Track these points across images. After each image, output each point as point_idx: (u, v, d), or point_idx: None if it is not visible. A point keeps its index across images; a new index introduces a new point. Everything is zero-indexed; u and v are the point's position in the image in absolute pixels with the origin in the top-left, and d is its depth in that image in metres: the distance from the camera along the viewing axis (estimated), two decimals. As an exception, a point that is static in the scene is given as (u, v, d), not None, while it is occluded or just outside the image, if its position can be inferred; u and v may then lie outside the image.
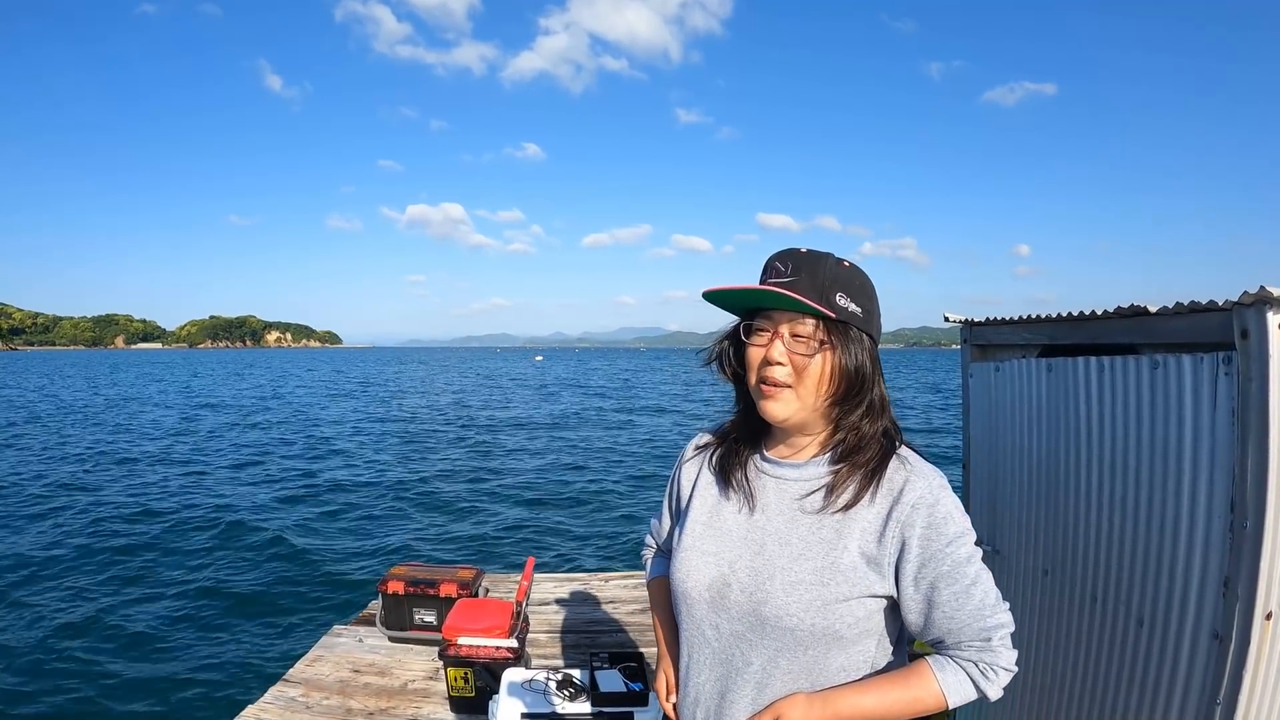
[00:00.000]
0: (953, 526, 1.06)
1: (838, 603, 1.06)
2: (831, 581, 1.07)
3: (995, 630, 1.06)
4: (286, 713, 3.38)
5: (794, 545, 1.10)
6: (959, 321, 2.40)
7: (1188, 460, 1.56)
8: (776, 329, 1.09)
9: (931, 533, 1.05)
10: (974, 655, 1.07)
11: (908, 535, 1.06)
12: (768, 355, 1.09)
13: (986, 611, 1.06)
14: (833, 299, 1.06)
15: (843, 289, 1.08)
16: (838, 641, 1.08)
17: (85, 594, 6.73)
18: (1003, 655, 1.07)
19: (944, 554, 1.05)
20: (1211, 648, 1.53)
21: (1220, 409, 1.49)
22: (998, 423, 2.26)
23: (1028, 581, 2.15)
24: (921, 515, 1.06)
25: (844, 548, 1.08)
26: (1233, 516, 1.46)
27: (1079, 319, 1.86)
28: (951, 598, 1.06)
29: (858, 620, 1.08)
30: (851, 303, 1.08)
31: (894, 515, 1.07)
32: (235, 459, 15.50)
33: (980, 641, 1.06)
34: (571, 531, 9.59)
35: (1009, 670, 1.08)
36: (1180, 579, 1.60)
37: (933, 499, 1.06)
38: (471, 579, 4.28)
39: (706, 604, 1.16)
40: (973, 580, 1.06)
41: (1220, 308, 1.48)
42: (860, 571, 1.07)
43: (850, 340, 1.08)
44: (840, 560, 1.07)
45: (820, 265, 1.08)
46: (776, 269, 1.09)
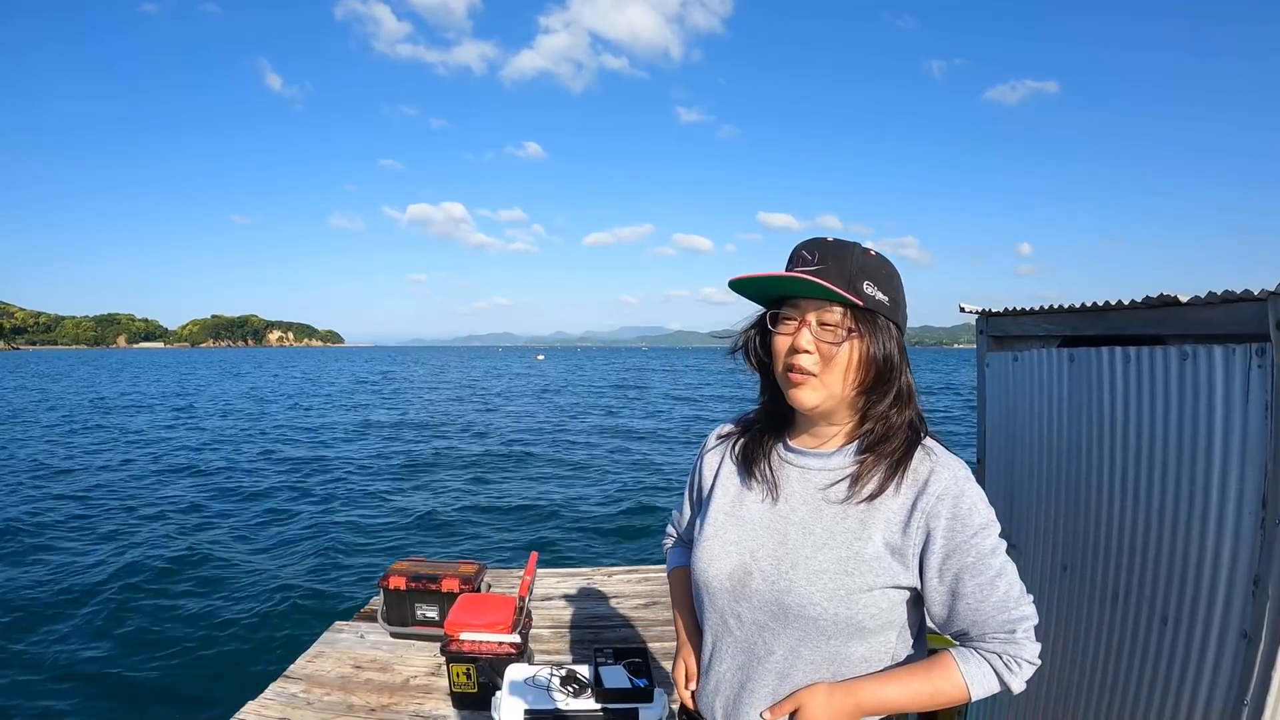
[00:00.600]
0: (978, 518, 1.05)
1: (861, 593, 1.06)
2: (855, 571, 1.06)
3: (1020, 623, 1.05)
4: (288, 709, 3.35)
5: (817, 534, 1.10)
6: (975, 312, 2.35)
7: (1217, 455, 1.52)
8: (804, 317, 1.08)
9: (956, 524, 1.05)
10: (998, 647, 1.06)
11: (933, 526, 1.05)
12: (795, 343, 1.08)
13: (1011, 604, 1.05)
14: (860, 287, 1.06)
15: (870, 278, 1.07)
16: (860, 632, 1.08)
17: (85, 588, 6.72)
18: (1027, 648, 1.06)
19: (969, 545, 1.04)
20: (1239, 648, 1.48)
21: (1253, 402, 1.44)
22: (1015, 415, 2.21)
23: (1046, 578, 2.10)
24: (947, 506, 1.05)
25: (868, 538, 1.07)
26: (1264, 513, 1.42)
27: (1103, 309, 1.81)
28: (976, 589, 1.05)
29: (880, 611, 1.07)
30: (879, 291, 1.07)
31: (919, 506, 1.06)
32: (236, 455, 15.52)
33: (1005, 634, 1.05)
34: (575, 526, 9.57)
35: (1032, 663, 1.07)
36: (1208, 577, 1.55)
37: (958, 490, 1.06)
38: (474, 574, 4.24)
39: (728, 593, 1.15)
40: (998, 572, 1.05)
41: (1255, 297, 1.43)
42: (884, 562, 1.07)
43: (878, 329, 1.07)
44: (864, 550, 1.07)
45: (848, 254, 1.07)
46: (804, 258, 1.08)
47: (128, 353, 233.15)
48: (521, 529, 9.38)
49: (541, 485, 12.32)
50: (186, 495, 11.06)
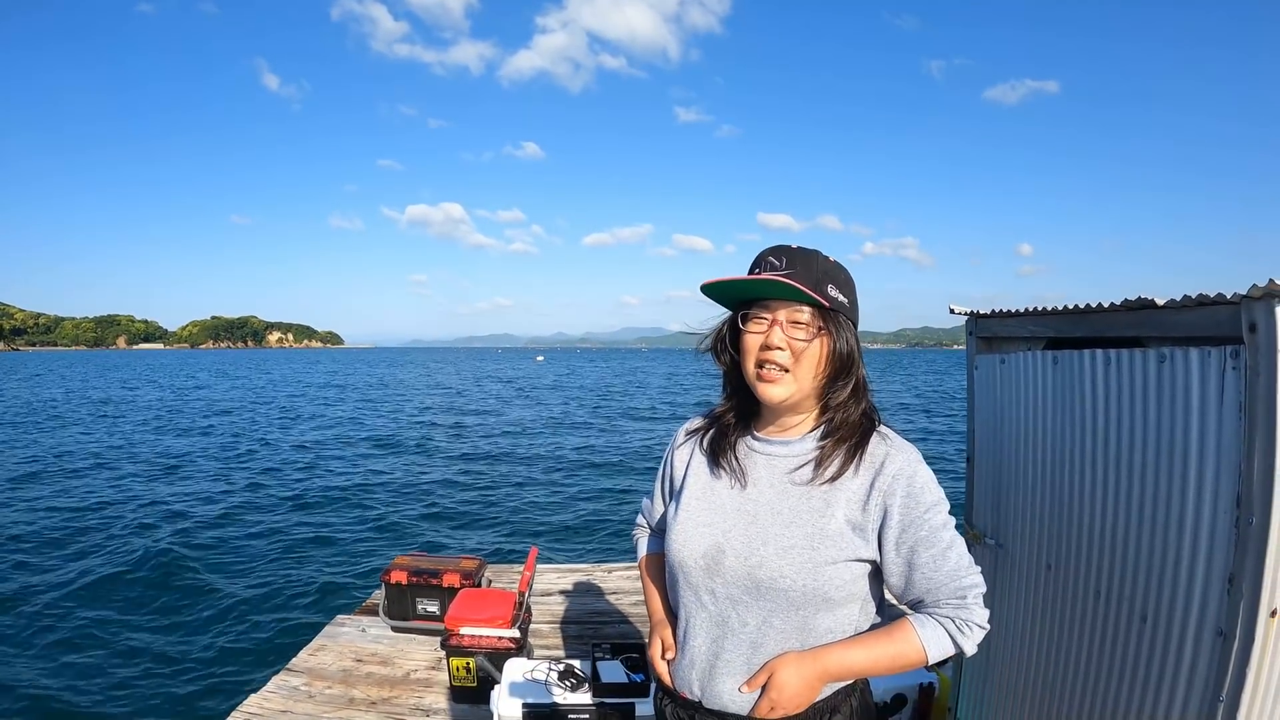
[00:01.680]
0: (929, 495, 1.16)
1: (827, 565, 1.15)
2: (821, 545, 1.16)
3: (970, 589, 1.15)
4: (290, 701, 3.40)
5: (784, 514, 1.19)
6: (964, 314, 2.38)
7: (1194, 455, 1.55)
8: (774, 317, 1.18)
9: (910, 501, 1.15)
10: (951, 612, 1.15)
11: (889, 503, 1.16)
12: (767, 341, 1.18)
13: (961, 572, 1.16)
14: (825, 289, 1.17)
15: (832, 281, 1.19)
16: (826, 603, 1.17)
17: (90, 584, 6.78)
18: (976, 612, 1.15)
19: (922, 520, 1.15)
20: (1215, 645, 1.51)
21: (1227, 403, 1.47)
22: (1003, 415, 2.24)
23: (1031, 576, 2.13)
24: (901, 485, 1.16)
25: (831, 515, 1.17)
26: (1238, 512, 1.45)
27: (1085, 312, 1.84)
28: (929, 560, 1.15)
29: (844, 583, 1.16)
30: (840, 294, 1.19)
31: (876, 485, 1.17)
32: (240, 452, 15.59)
33: (957, 599, 1.15)
34: (574, 522, 9.61)
35: (982, 627, 1.17)
36: (1185, 575, 1.58)
37: (911, 471, 1.17)
38: (474, 569, 4.29)
39: (702, 570, 1.24)
40: (948, 544, 1.15)
41: (1229, 301, 1.46)
42: (847, 536, 1.16)
43: (841, 326, 1.19)
44: (828, 526, 1.16)
45: (813, 260, 1.19)
46: (771, 263, 1.20)
47: (127, 354, 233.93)
48: (522, 525, 9.43)
49: (543, 483, 12.36)
50: (189, 491, 11.13)
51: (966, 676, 2.53)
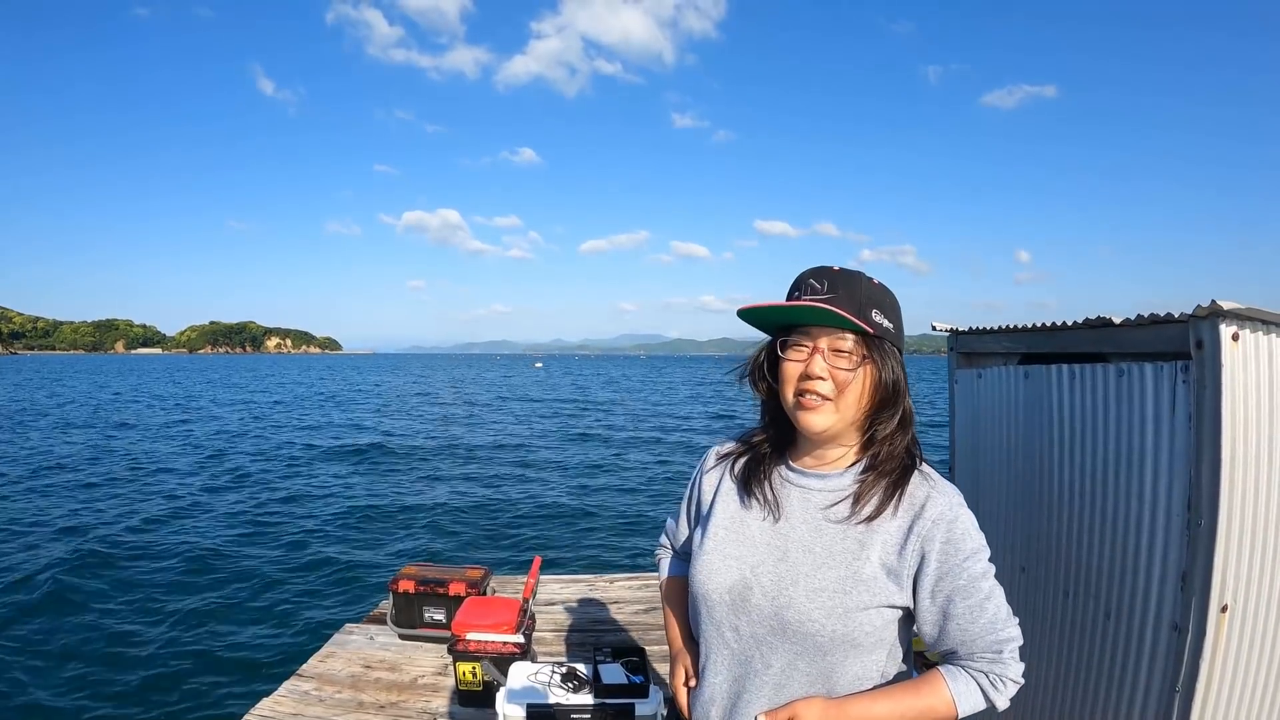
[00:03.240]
0: (970, 543, 1.10)
1: (858, 611, 1.10)
2: (854, 590, 1.10)
3: (1007, 643, 1.10)
4: (300, 705, 3.50)
5: (818, 553, 1.14)
6: (946, 330, 2.50)
7: (1149, 462, 1.66)
8: (816, 344, 1.12)
9: (950, 548, 1.09)
10: (985, 666, 1.10)
11: (928, 549, 1.09)
12: (808, 370, 1.11)
13: (999, 625, 1.10)
14: (870, 315, 1.10)
15: (877, 306, 1.11)
16: (855, 649, 1.11)
17: (106, 589, 6.88)
18: (1012, 667, 1.10)
19: (961, 569, 1.09)
20: (1171, 639, 1.62)
21: (1179, 414, 1.59)
22: (980, 427, 2.36)
23: (1006, 579, 2.24)
24: (941, 530, 1.09)
25: (866, 558, 1.11)
26: (1189, 515, 1.56)
27: (1053, 329, 1.96)
28: (966, 611, 1.09)
29: (875, 629, 1.11)
30: (885, 319, 1.12)
31: (915, 529, 1.10)
32: (250, 462, 15.65)
33: (992, 654, 1.10)
34: (578, 533, 9.69)
35: (1017, 682, 1.11)
36: (1143, 574, 1.69)
37: (952, 516, 1.10)
38: (480, 578, 4.39)
39: (727, 606, 1.19)
40: (987, 595, 1.10)
41: (1178, 319, 1.58)
42: (881, 582, 1.11)
43: (886, 355, 1.12)
44: (863, 570, 1.11)
45: (857, 284, 1.12)
46: (812, 286, 1.12)
47: (125, 358, 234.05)
48: (526, 535, 9.51)
49: (548, 491, 12.43)
50: (201, 501, 11.21)
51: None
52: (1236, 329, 1.49)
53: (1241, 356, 1.49)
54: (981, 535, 1.13)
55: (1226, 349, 1.48)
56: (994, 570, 1.13)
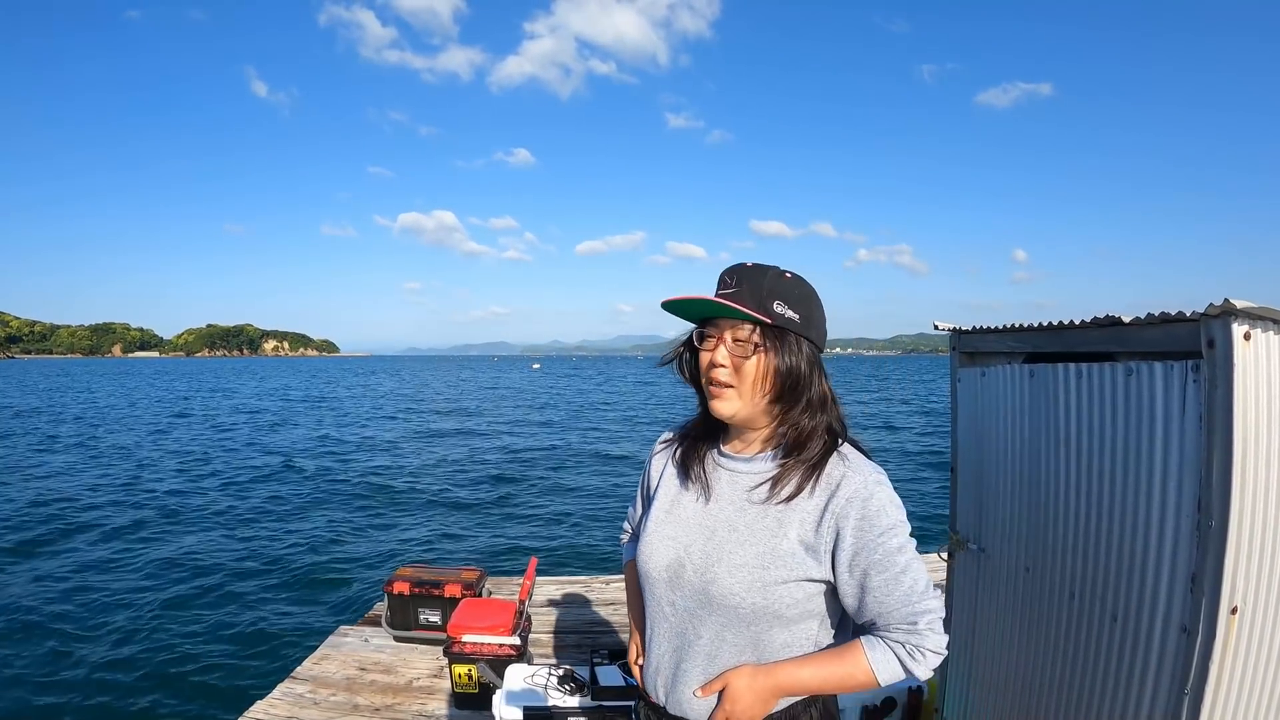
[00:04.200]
0: (885, 519, 1.16)
1: (777, 584, 1.18)
2: (771, 565, 1.18)
3: (922, 615, 1.15)
4: (295, 708, 3.46)
5: (740, 531, 1.22)
6: (948, 329, 2.48)
7: (1158, 462, 1.64)
8: (720, 335, 1.22)
9: (865, 524, 1.16)
10: (901, 637, 1.16)
11: (842, 526, 1.17)
12: (713, 358, 1.22)
13: (914, 598, 1.15)
14: (770, 307, 1.18)
15: (781, 298, 1.19)
16: (779, 620, 1.20)
17: (94, 592, 6.82)
18: (929, 638, 1.15)
19: (875, 544, 1.15)
20: (1180, 641, 1.60)
21: (1189, 414, 1.57)
22: (983, 426, 2.34)
23: (1011, 579, 2.23)
24: (856, 508, 1.16)
25: (784, 535, 1.19)
26: (1199, 516, 1.54)
27: (1059, 328, 1.94)
28: (882, 584, 1.15)
29: (797, 601, 1.19)
30: (789, 310, 1.19)
31: (830, 507, 1.18)
32: (244, 463, 15.60)
33: (908, 625, 1.15)
34: (574, 533, 9.66)
35: (936, 653, 1.16)
36: (1151, 576, 1.67)
37: (867, 494, 1.17)
38: (475, 580, 4.36)
39: (665, 583, 1.28)
40: (902, 569, 1.15)
41: (1189, 318, 1.56)
42: (798, 557, 1.18)
43: (785, 344, 1.20)
44: (780, 546, 1.19)
45: (761, 277, 1.20)
46: (725, 282, 1.22)
47: (123, 362, 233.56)
48: (522, 536, 9.48)
49: (543, 494, 12.41)
50: (192, 501, 11.16)
51: (951, 676, 2.62)
52: (1249, 328, 1.47)
53: (1254, 356, 1.48)
54: (901, 513, 1.19)
55: (1239, 348, 1.46)
56: (914, 545, 1.19)
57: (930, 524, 9.62)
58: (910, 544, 1.18)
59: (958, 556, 2.59)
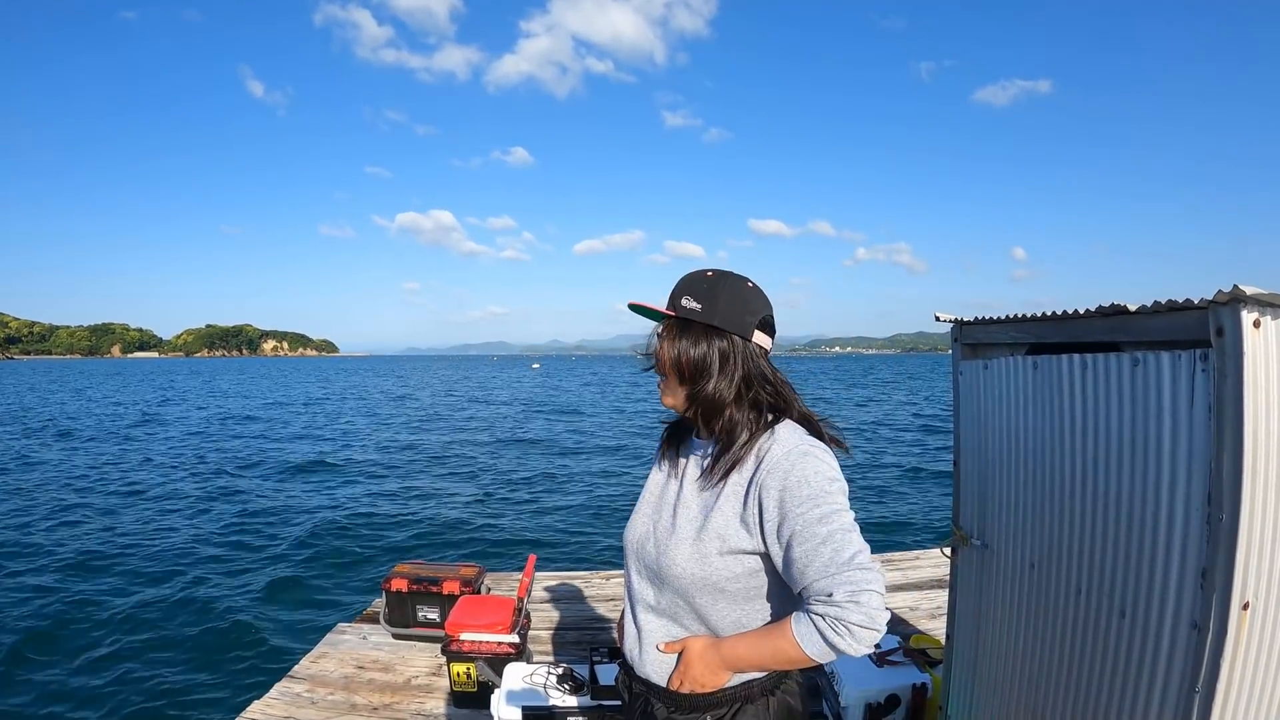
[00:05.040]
0: (806, 489, 1.18)
1: (713, 556, 1.25)
2: (705, 537, 1.26)
3: (840, 587, 1.09)
4: (292, 708, 3.44)
5: (690, 508, 1.31)
6: (950, 321, 2.44)
7: (1166, 455, 1.60)
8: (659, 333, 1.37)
9: (786, 495, 1.19)
10: (820, 609, 1.11)
11: (764, 498, 1.21)
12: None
13: (832, 569, 1.11)
14: (677, 302, 1.30)
15: (689, 293, 1.30)
16: (723, 594, 1.27)
17: (88, 591, 6.80)
18: (851, 612, 1.08)
19: (796, 514, 1.17)
20: (1191, 638, 1.56)
21: (1197, 404, 1.53)
22: (986, 419, 2.30)
23: (1016, 574, 2.19)
24: (776, 479, 1.20)
25: (718, 508, 1.26)
26: (1210, 509, 1.50)
27: (1063, 318, 1.90)
28: (802, 555, 1.15)
29: (736, 575, 1.26)
30: (694, 302, 1.29)
31: (755, 479, 1.23)
32: (240, 462, 15.59)
33: (824, 597, 1.11)
34: (573, 530, 9.64)
35: (863, 626, 1.09)
36: (1160, 571, 1.64)
37: (788, 465, 1.20)
38: (474, 576, 4.33)
39: (634, 555, 1.40)
40: (822, 539, 1.13)
41: (1197, 306, 1.52)
42: (731, 529, 1.25)
43: (686, 333, 1.29)
44: (713, 520, 1.26)
45: (684, 279, 1.32)
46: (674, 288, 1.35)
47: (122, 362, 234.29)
48: (521, 532, 9.46)
49: (542, 488, 12.39)
50: (188, 500, 11.14)
51: (955, 673, 2.59)
52: (1258, 315, 1.42)
53: (1264, 344, 1.43)
54: (833, 485, 1.19)
55: (1248, 336, 1.42)
56: (843, 514, 1.17)
57: (935, 521, 9.61)
58: (835, 513, 1.16)
59: (961, 552, 2.55)
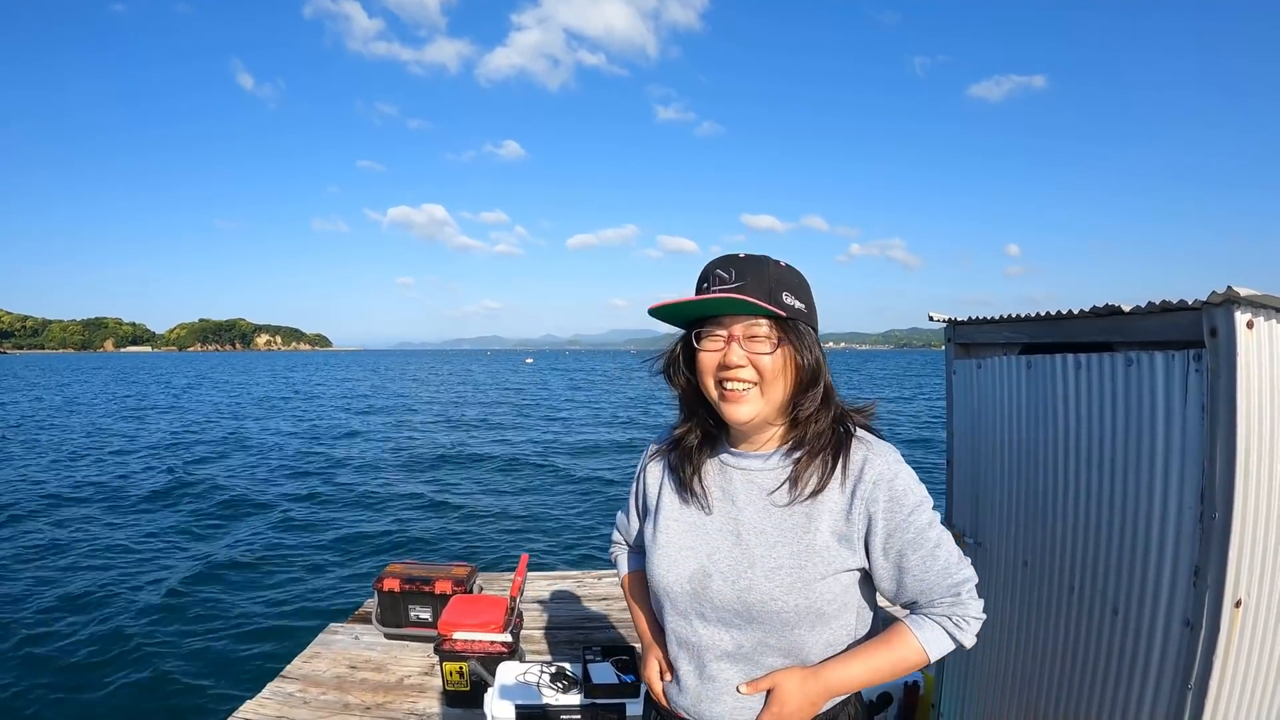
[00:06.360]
0: (911, 497, 1.14)
1: (817, 581, 1.13)
2: (809, 563, 1.13)
3: (963, 585, 1.15)
4: (284, 708, 3.42)
5: (769, 534, 1.16)
6: (944, 321, 2.45)
7: (1160, 454, 1.62)
8: (730, 333, 1.13)
9: (894, 505, 1.13)
10: (947, 610, 1.15)
11: (873, 511, 1.14)
12: (726, 360, 1.13)
13: (952, 569, 1.15)
14: (780, 298, 1.12)
15: (787, 288, 1.13)
16: (820, 618, 1.15)
17: (82, 590, 6.75)
18: (971, 606, 1.16)
19: (907, 523, 1.13)
20: (1183, 635, 1.57)
21: (1191, 404, 1.54)
22: (980, 419, 2.31)
23: (1009, 572, 2.20)
24: (883, 491, 1.14)
25: (816, 530, 1.14)
26: (1202, 508, 1.51)
27: (1057, 318, 1.91)
28: (919, 562, 1.14)
29: (835, 596, 1.15)
30: (796, 300, 1.14)
31: (858, 494, 1.14)
32: (232, 459, 15.51)
33: (951, 597, 1.15)
34: (565, 530, 9.64)
35: (979, 618, 1.17)
36: (1153, 569, 1.65)
37: (891, 474, 1.14)
38: (466, 576, 4.32)
39: (689, 596, 1.21)
40: (936, 543, 1.14)
41: (1191, 307, 1.53)
42: (833, 550, 1.14)
43: (802, 335, 1.14)
44: (815, 542, 1.14)
45: (764, 268, 1.13)
46: (720, 276, 1.13)
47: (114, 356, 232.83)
48: (513, 532, 9.45)
49: (534, 488, 12.38)
50: (180, 501, 11.07)
51: (948, 671, 2.60)
52: (1251, 316, 1.44)
53: (1256, 344, 1.45)
54: (923, 487, 1.17)
55: (1241, 337, 1.43)
56: (939, 518, 1.18)
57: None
58: (936, 517, 1.17)
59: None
